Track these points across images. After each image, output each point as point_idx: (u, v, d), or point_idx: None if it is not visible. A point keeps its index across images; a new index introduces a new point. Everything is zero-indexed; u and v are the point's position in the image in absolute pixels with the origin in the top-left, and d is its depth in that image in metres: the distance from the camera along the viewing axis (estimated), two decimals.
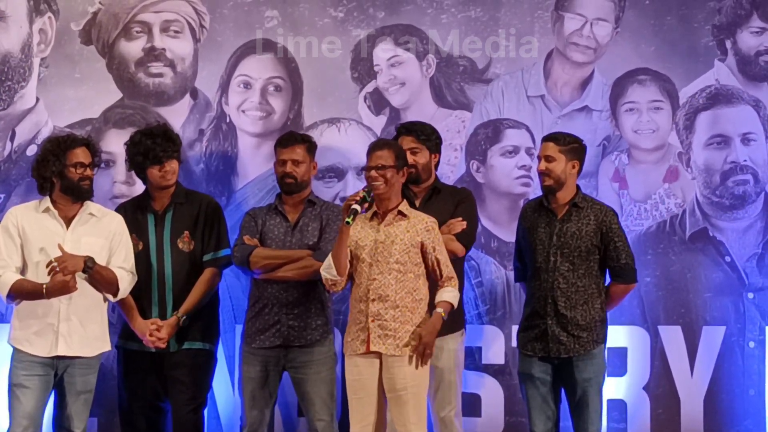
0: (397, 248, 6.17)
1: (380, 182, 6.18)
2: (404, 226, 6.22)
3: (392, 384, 6.14)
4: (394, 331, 6.14)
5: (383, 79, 7.51)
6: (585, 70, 7.48)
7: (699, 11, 7.45)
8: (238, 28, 7.52)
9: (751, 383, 7.31)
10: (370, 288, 6.17)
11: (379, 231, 6.22)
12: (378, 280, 6.17)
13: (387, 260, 6.17)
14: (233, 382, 7.23)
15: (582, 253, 6.38)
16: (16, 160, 7.48)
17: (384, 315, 6.14)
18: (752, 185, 7.38)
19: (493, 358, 7.38)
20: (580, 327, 6.36)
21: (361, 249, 6.22)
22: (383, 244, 6.19)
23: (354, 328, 6.23)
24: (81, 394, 6.33)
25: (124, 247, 6.45)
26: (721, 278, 7.35)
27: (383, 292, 6.16)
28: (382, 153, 6.22)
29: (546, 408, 6.45)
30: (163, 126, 6.82)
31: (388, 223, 6.23)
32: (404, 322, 6.15)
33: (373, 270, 6.18)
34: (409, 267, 6.18)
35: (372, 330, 6.15)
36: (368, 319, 6.16)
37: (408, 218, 6.23)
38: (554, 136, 6.52)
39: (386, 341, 6.14)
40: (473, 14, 7.50)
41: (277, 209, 6.69)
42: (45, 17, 7.52)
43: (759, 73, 7.44)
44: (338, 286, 6.25)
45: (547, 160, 6.44)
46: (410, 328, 6.15)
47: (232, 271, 6.84)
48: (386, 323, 6.14)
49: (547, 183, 6.45)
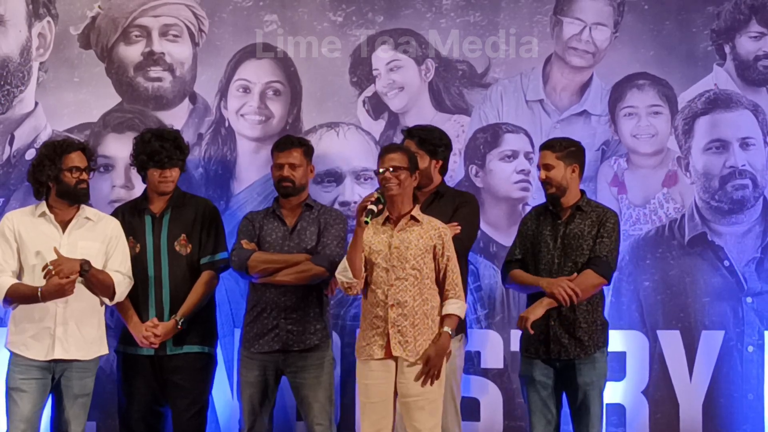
0: (412, 253, 6.15)
1: (394, 182, 6.17)
2: (418, 232, 6.19)
3: (407, 389, 6.11)
4: (413, 338, 6.11)
5: (382, 84, 7.51)
6: (584, 74, 7.48)
7: (698, 16, 7.45)
8: (237, 32, 7.52)
9: (749, 388, 7.30)
10: (389, 293, 6.13)
11: (393, 236, 6.19)
12: (396, 285, 6.14)
13: (403, 266, 6.14)
14: (232, 387, 7.23)
15: (584, 254, 6.37)
16: (15, 164, 7.49)
17: (403, 321, 6.11)
18: (751, 190, 7.37)
19: (492, 362, 7.38)
20: (582, 329, 6.36)
21: (375, 254, 6.18)
22: (398, 250, 6.16)
23: (370, 333, 6.17)
24: (78, 397, 6.33)
25: (120, 250, 6.45)
26: (720, 283, 7.34)
27: (402, 297, 6.12)
28: (395, 155, 6.19)
29: (546, 412, 6.45)
30: (175, 132, 6.82)
31: (401, 229, 6.20)
32: (422, 329, 6.12)
33: (390, 276, 6.14)
34: (426, 273, 6.16)
35: (392, 335, 6.12)
36: (388, 324, 6.13)
37: (421, 223, 6.22)
38: (550, 144, 6.52)
39: (406, 347, 6.11)
40: (472, 18, 7.51)
41: (275, 213, 6.68)
42: (44, 21, 7.53)
43: (758, 78, 7.44)
44: (354, 289, 6.19)
45: (546, 169, 6.44)
46: (429, 336, 6.13)
47: (230, 274, 6.84)
48: (405, 329, 6.11)
49: (550, 191, 6.46)
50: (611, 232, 6.41)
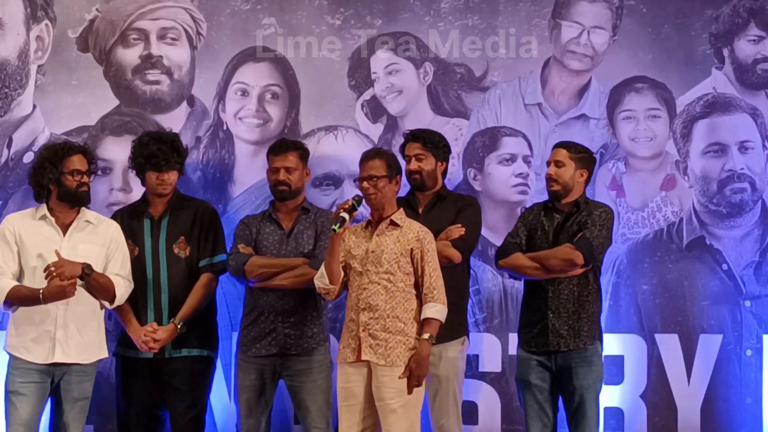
0: (386, 257, 6.16)
1: (372, 191, 6.18)
2: (395, 236, 6.21)
3: (381, 393, 6.13)
4: (384, 341, 6.13)
5: (380, 87, 7.51)
6: (582, 78, 7.48)
7: (696, 19, 7.45)
8: (235, 35, 7.52)
9: (748, 391, 7.30)
10: (360, 297, 6.17)
11: (371, 240, 6.22)
12: (368, 289, 6.16)
13: (377, 270, 6.16)
14: (229, 390, 7.23)
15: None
16: (13, 167, 7.48)
17: (374, 325, 6.14)
18: (749, 193, 7.37)
19: (490, 366, 7.38)
20: (580, 320, 6.37)
21: (353, 258, 6.22)
22: (374, 254, 6.18)
23: (346, 336, 6.23)
24: (77, 401, 6.32)
25: (120, 254, 6.45)
26: (718, 286, 7.34)
27: (372, 301, 6.15)
28: (373, 163, 6.22)
29: (543, 415, 6.46)
30: (173, 135, 6.81)
31: (380, 233, 6.23)
32: (395, 332, 6.13)
33: (363, 279, 6.18)
34: (399, 277, 6.17)
35: (363, 339, 6.15)
36: (359, 328, 6.16)
37: (400, 228, 6.23)
38: (566, 144, 6.59)
39: (376, 351, 6.13)
40: (471, 22, 7.51)
41: (272, 217, 6.68)
42: (42, 24, 7.53)
43: (756, 82, 7.44)
44: (331, 294, 6.25)
45: (557, 165, 6.49)
46: (401, 339, 6.13)
47: (228, 278, 6.83)
48: (376, 333, 6.13)
49: (554, 188, 6.49)
50: (597, 219, 6.43)
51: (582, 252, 6.37)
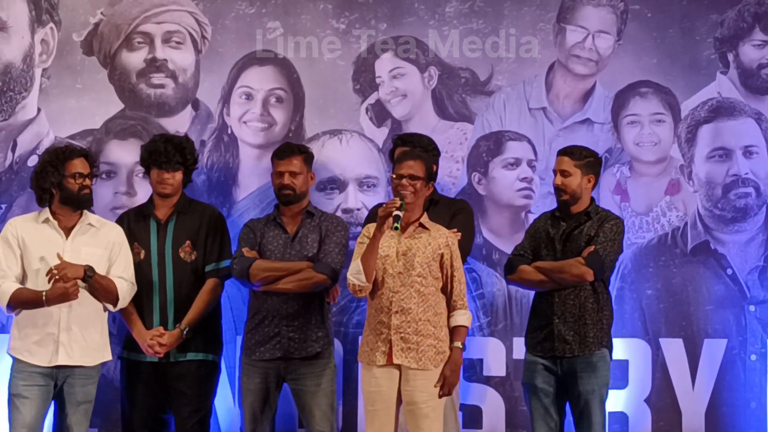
0: (419, 261, 6.14)
1: (410, 190, 6.15)
2: (425, 239, 6.18)
3: (412, 396, 6.10)
4: (416, 345, 6.10)
5: (385, 91, 7.51)
6: (587, 82, 7.48)
7: (701, 24, 7.45)
8: (240, 39, 7.52)
9: (752, 396, 7.29)
10: (393, 300, 6.13)
11: (401, 243, 6.19)
12: (401, 292, 6.13)
13: (409, 273, 6.13)
14: (234, 394, 7.22)
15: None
16: (18, 170, 7.49)
17: (406, 328, 6.11)
18: (754, 198, 7.37)
19: (495, 370, 7.37)
20: (586, 326, 6.36)
21: (383, 260, 6.16)
22: (405, 257, 6.15)
23: (374, 339, 6.16)
24: (81, 404, 6.32)
25: (123, 257, 6.45)
26: (723, 291, 7.34)
27: (405, 304, 6.12)
28: (414, 163, 6.17)
29: (549, 419, 6.45)
30: (184, 137, 6.84)
31: (409, 235, 6.19)
32: (426, 336, 6.11)
33: (396, 282, 6.14)
34: (430, 281, 6.15)
35: (395, 342, 6.11)
36: (390, 331, 6.12)
37: (429, 231, 6.21)
38: (570, 150, 6.53)
39: (408, 354, 6.10)
40: (475, 26, 7.50)
41: (276, 221, 6.67)
42: (47, 28, 7.53)
43: (761, 86, 7.43)
44: (364, 292, 6.15)
45: (563, 175, 6.45)
46: (433, 342, 6.11)
47: (233, 282, 6.83)
48: (408, 336, 6.10)
49: (563, 198, 6.46)
50: (608, 232, 6.40)
51: (593, 269, 6.34)
